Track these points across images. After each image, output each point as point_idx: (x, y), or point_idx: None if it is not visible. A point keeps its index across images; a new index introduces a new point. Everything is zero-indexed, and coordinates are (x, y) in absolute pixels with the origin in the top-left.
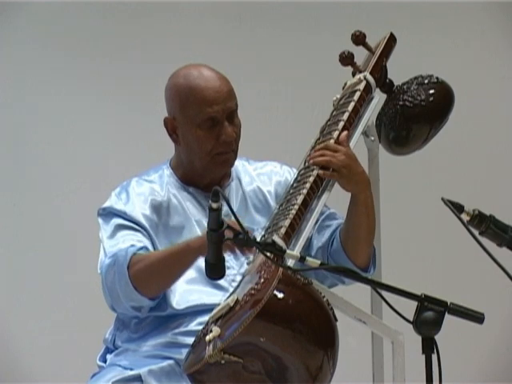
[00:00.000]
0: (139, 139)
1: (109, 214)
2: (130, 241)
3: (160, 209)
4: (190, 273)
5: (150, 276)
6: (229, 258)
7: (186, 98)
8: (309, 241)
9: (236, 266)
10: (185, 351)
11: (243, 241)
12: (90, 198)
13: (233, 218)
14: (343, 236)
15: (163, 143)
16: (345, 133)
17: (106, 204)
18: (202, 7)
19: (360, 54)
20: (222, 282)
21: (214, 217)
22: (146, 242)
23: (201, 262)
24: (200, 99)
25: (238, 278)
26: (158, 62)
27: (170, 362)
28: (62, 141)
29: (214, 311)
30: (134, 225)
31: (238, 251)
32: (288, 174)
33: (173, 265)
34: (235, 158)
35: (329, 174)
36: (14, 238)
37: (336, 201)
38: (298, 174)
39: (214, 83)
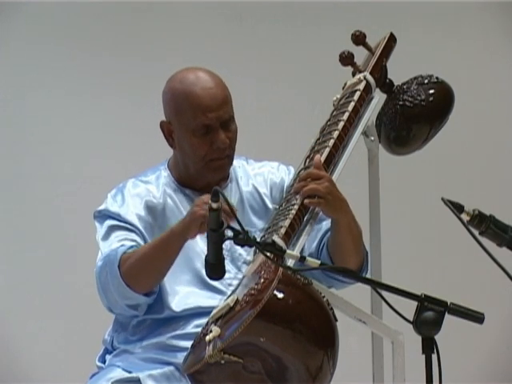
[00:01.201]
0: (139, 139)
1: (103, 216)
2: (122, 241)
3: (155, 210)
4: (188, 276)
5: (140, 270)
6: (226, 262)
7: (181, 104)
8: None
9: (232, 269)
10: (182, 355)
11: (243, 240)
12: (90, 198)
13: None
14: (330, 250)
15: (163, 144)
16: (317, 156)
17: (102, 206)
18: (202, 6)
19: (360, 54)
20: (219, 285)
21: (214, 217)
22: (139, 242)
23: (198, 265)
24: (195, 106)
25: (235, 282)
26: (159, 61)
27: (170, 367)
28: (62, 141)
29: (214, 311)
30: (128, 225)
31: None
32: (284, 174)
33: (160, 255)
34: (230, 164)
35: (315, 201)
36: (14, 238)
37: None
38: (298, 174)
39: (209, 90)
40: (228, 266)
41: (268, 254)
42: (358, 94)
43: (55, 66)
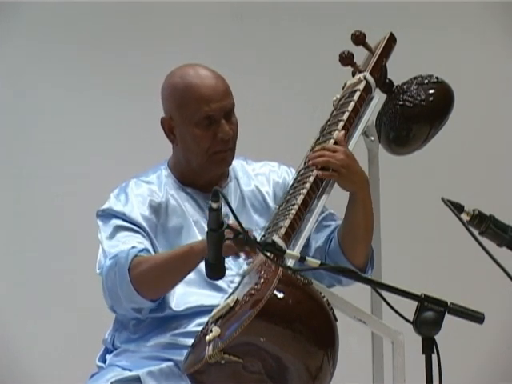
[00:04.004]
0: (140, 139)
1: (108, 215)
2: (131, 242)
3: (159, 210)
4: (190, 274)
5: (152, 279)
6: (227, 260)
7: (183, 97)
8: (307, 241)
9: (234, 267)
10: (184, 352)
11: (243, 241)
12: (90, 198)
13: (232, 217)
14: (341, 235)
15: (164, 143)
16: (342, 132)
17: (105, 206)
18: (203, 6)
19: (360, 54)
20: (220, 283)
21: (214, 217)
22: (147, 244)
23: (200, 264)
24: (197, 98)
25: (237, 279)
26: (159, 61)
27: (169, 363)
28: (62, 140)
29: (214, 311)
30: (134, 226)
31: (240, 254)
32: (286, 174)
33: (176, 268)
34: (233, 157)
35: (328, 174)
36: (14, 238)
37: (336, 201)
38: (298, 174)
39: (210, 81)
40: (229, 263)
41: (268, 254)
42: (357, 94)
43: (55, 65)
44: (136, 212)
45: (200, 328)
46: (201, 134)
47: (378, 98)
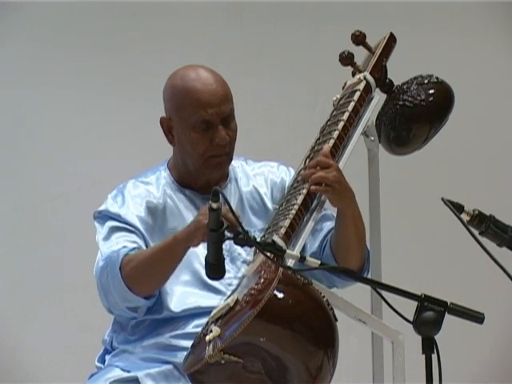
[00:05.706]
0: (140, 139)
1: (104, 216)
2: (123, 242)
3: (156, 211)
4: (187, 276)
5: (142, 274)
6: (226, 262)
7: (182, 100)
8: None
9: (232, 269)
10: (182, 354)
11: (243, 240)
12: (91, 198)
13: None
14: (333, 246)
15: (164, 143)
16: (327, 145)
17: (102, 207)
18: (202, 6)
19: (360, 54)
20: (218, 285)
21: (214, 217)
22: (140, 243)
23: (197, 265)
24: (195, 102)
25: (235, 281)
26: (159, 61)
27: (168, 366)
28: (62, 140)
29: (214, 311)
30: (129, 227)
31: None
32: (284, 174)
33: (163, 260)
34: (229, 162)
35: (323, 188)
36: (15, 238)
37: None
38: (298, 174)
39: (210, 86)
40: (227, 265)
41: (268, 253)
42: (357, 94)
43: (55, 65)
44: (132, 214)
45: (198, 329)
46: (197, 138)
47: (378, 98)
